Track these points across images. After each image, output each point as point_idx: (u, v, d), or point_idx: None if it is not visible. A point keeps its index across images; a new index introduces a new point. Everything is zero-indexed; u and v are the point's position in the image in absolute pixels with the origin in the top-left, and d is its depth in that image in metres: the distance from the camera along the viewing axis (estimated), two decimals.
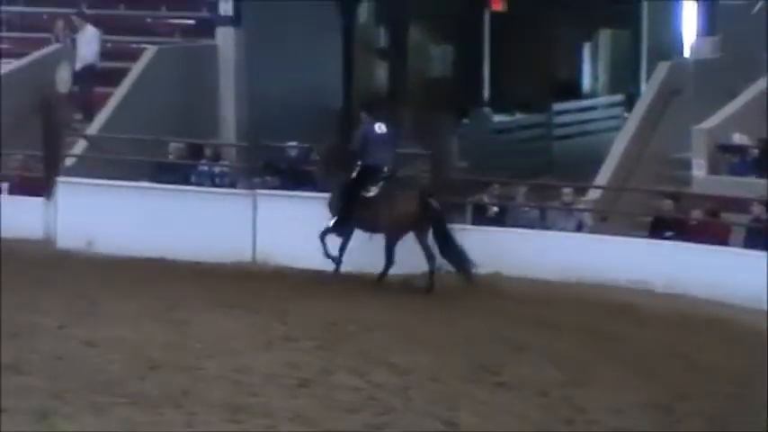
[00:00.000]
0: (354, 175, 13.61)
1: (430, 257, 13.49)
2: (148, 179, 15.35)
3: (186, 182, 15.33)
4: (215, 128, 18.26)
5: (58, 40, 18.61)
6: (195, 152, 16.03)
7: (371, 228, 13.59)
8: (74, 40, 18.39)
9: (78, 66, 18.17)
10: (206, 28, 19.22)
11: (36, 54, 18.34)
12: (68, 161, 16.01)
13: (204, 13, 19.56)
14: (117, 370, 10.62)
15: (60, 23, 18.69)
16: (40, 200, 15.23)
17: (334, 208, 13.72)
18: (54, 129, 15.54)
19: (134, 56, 18.16)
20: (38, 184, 15.37)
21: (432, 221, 13.50)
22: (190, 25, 19.58)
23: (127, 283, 13.53)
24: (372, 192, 13.56)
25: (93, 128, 17.09)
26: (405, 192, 13.60)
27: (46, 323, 11.95)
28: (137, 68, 17.83)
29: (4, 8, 20.29)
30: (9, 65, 18.29)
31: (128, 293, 13.11)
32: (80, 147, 16.55)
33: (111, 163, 15.65)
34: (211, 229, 14.38)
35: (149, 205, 14.63)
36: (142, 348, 11.22)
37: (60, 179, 15.23)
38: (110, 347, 11.22)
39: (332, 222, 13.70)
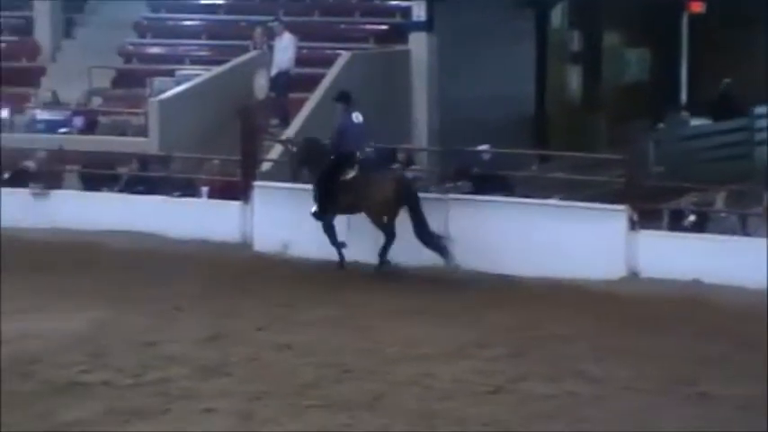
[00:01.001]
0: (331, 161, 14.04)
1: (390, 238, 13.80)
2: None
3: None
4: (408, 132, 18.36)
5: (256, 48, 19.02)
6: (388, 156, 16.14)
7: (353, 209, 13.99)
8: (271, 47, 18.76)
9: (274, 72, 18.54)
10: (399, 33, 19.36)
11: (235, 61, 18.79)
12: (265, 166, 16.34)
13: (397, 19, 19.71)
14: (311, 373, 10.78)
15: (259, 30, 19.07)
16: (237, 204, 15.57)
17: (314, 196, 14.11)
18: (251, 134, 15.86)
19: (328, 62, 18.43)
20: (236, 189, 15.71)
21: (408, 202, 13.79)
22: (383, 31, 19.75)
23: (320, 287, 13.71)
24: (350, 174, 13.95)
25: (289, 133, 17.41)
26: (382, 172, 14.10)
27: (244, 326, 12.22)
28: (331, 74, 18.08)
29: (205, 17, 20.89)
30: (210, 72, 18.81)
31: (321, 298, 13.29)
32: (276, 151, 16.88)
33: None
34: (405, 234, 14.41)
35: None
36: (335, 353, 11.36)
37: (257, 183, 15.54)
38: (304, 351, 11.41)
39: (312, 209, 14.11)
